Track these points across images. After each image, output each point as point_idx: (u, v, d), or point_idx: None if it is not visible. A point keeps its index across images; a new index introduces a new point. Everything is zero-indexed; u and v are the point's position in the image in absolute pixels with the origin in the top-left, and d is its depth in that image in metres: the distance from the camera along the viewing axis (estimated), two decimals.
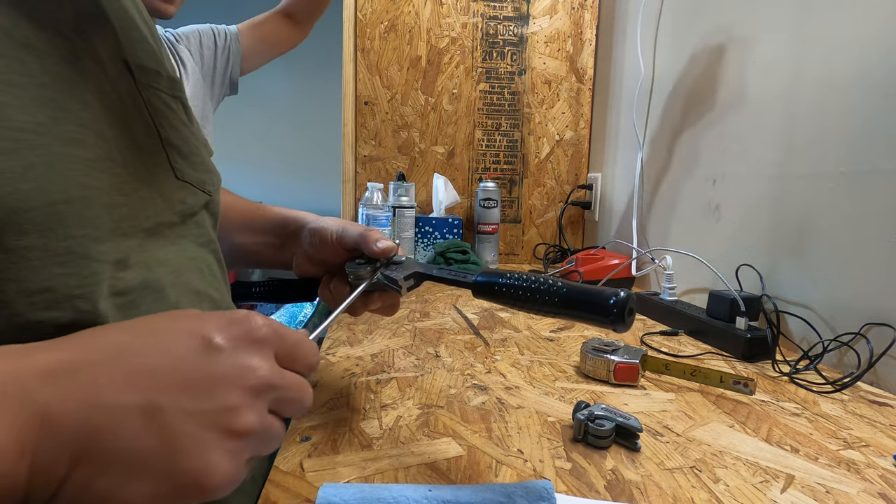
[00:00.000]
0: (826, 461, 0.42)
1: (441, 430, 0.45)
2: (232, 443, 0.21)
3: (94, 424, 0.19)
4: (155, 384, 0.20)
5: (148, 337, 0.22)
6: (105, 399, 0.19)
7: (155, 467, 0.19)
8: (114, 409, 0.19)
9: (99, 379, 0.19)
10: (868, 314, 0.63)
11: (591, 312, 0.33)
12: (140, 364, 0.20)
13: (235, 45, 1.10)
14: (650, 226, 1.16)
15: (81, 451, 0.18)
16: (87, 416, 0.18)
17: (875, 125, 0.63)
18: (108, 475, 0.19)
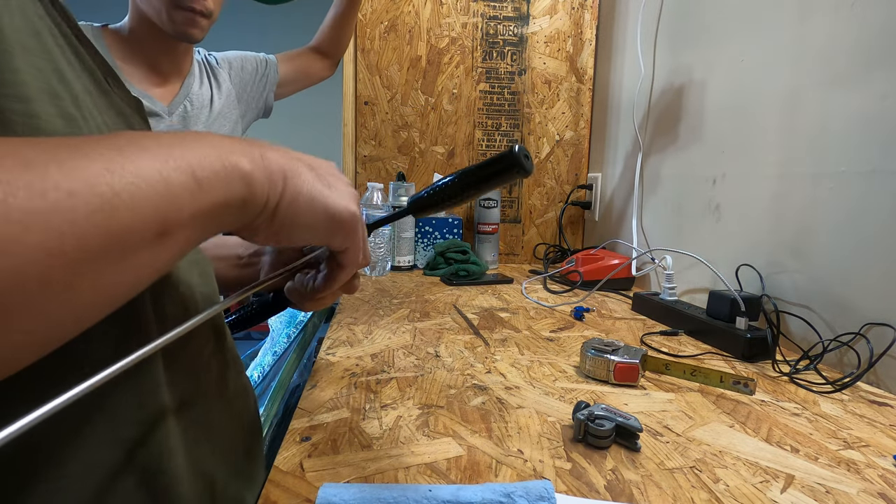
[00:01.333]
0: (826, 461, 0.42)
1: (441, 430, 0.45)
2: (355, 198, 0.35)
3: (287, 165, 0.30)
4: (307, 160, 0.33)
5: (295, 152, 0.34)
6: (289, 155, 0.31)
7: (325, 195, 0.32)
8: (294, 162, 0.31)
9: (280, 150, 0.31)
10: (868, 314, 0.63)
11: (503, 170, 0.39)
12: (297, 154, 0.33)
13: (273, 74, 1.18)
14: (650, 226, 1.16)
15: (287, 173, 0.29)
16: (285, 160, 0.30)
17: (875, 125, 0.63)
18: (302, 195, 0.30)
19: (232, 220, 0.27)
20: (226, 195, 0.25)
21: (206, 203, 0.24)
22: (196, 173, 0.24)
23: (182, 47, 0.97)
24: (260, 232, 0.30)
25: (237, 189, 0.26)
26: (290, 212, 0.30)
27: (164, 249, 0.23)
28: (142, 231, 0.21)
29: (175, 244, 0.23)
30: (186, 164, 0.23)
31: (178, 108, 0.98)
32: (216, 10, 0.94)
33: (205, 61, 1.08)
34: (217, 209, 0.25)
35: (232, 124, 1.10)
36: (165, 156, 0.23)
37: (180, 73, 1.00)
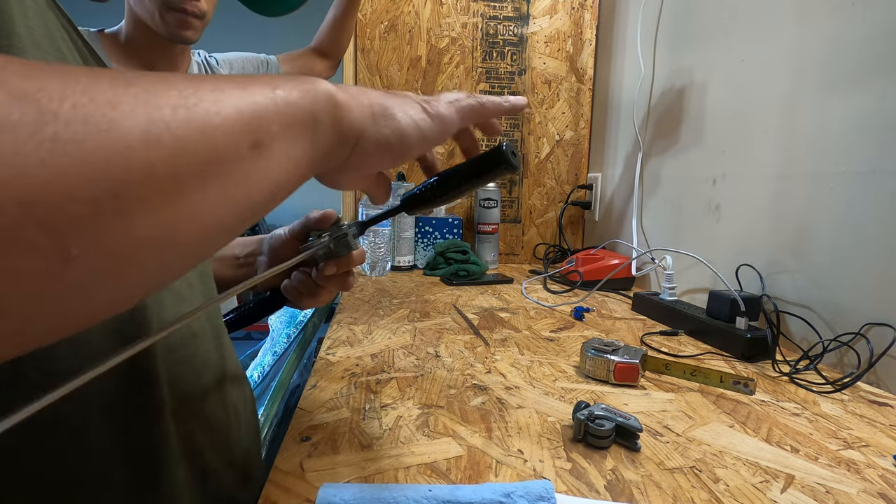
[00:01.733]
0: (826, 461, 0.42)
1: (441, 430, 0.45)
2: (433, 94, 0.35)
3: (362, 88, 0.30)
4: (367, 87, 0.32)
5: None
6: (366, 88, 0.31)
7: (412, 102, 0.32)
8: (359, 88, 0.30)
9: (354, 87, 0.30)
10: (868, 314, 0.63)
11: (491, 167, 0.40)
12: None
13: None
14: (650, 226, 1.16)
15: (362, 90, 0.30)
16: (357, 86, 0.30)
17: (875, 125, 0.63)
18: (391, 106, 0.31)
19: (330, 138, 0.27)
20: (313, 107, 0.25)
21: (294, 115, 0.24)
22: (277, 87, 0.23)
23: (178, 49, 0.97)
24: (373, 150, 0.30)
25: (324, 103, 0.26)
26: (391, 118, 0.30)
27: (265, 165, 0.22)
28: (236, 142, 0.20)
29: (276, 160, 0.22)
30: (265, 80, 0.23)
31: None
32: (209, 10, 0.95)
33: (205, 62, 1.08)
34: (308, 122, 0.25)
35: None
36: (242, 79, 0.23)
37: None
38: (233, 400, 0.40)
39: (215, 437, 0.37)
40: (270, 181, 0.23)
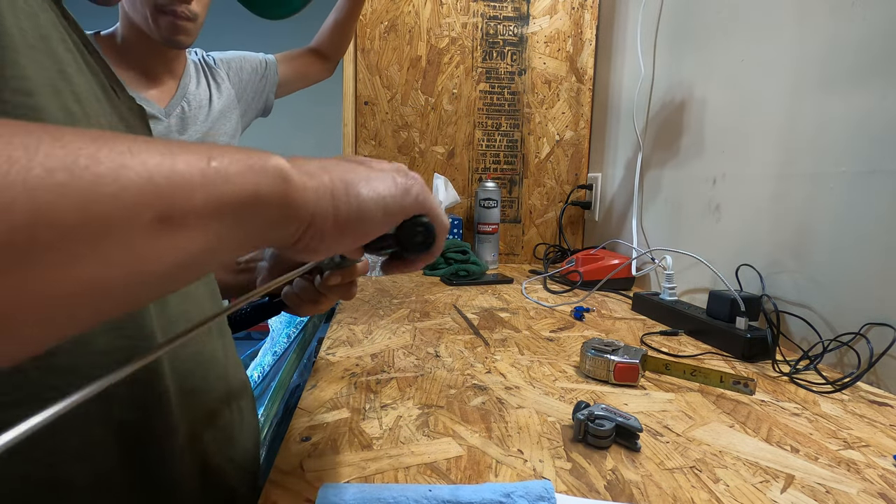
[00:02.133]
0: (826, 461, 0.42)
1: (441, 430, 0.45)
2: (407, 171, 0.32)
3: (322, 162, 0.28)
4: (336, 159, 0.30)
5: None
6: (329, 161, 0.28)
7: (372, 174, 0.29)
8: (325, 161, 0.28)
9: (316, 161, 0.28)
10: (868, 314, 0.63)
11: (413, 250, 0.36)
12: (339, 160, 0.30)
13: (273, 75, 1.18)
14: (650, 226, 1.16)
15: (325, 167, 0.27)
16: (314, 159, 0.28)
17: (875, 125, 0.63)
18: (354, 182, 0.28)
19: (272, 220, 0.24)
20: (255, 185, 0.22)
21: (226, 192, 0.21)
22: (212, 159, 0.21)
23: (173, 51, 0.97)
24: (326, 234, 0.27)
25: (270, 181, 0.23)
26: (354, 198, 0.27)
27: (174, 242, 0.20)
28: (130, 208, 0.18)
29: (189, 238, 0.20)
30: (202, 150, 0.21)
31: (175, 110, 0.98)
32: (202, 13, 0.95)
33: (202, 61, 1.08)
34: (244, 202, 0.22)
35: (233, 124, 1.11)
36: (177, 145, 0.21)
37: (174, 75, 1.00)
38: (236, 397, 0.41)
39: (218, 434, 0.37)
40: (181, 258, 0.21)
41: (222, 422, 0.38)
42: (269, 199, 0.23)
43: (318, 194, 0.26)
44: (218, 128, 1.05)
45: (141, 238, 0.19)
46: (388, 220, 0.30)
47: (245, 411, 0.43)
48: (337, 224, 0.27)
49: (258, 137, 3.00)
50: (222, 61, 1.12)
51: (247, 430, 0.43)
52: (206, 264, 0.23)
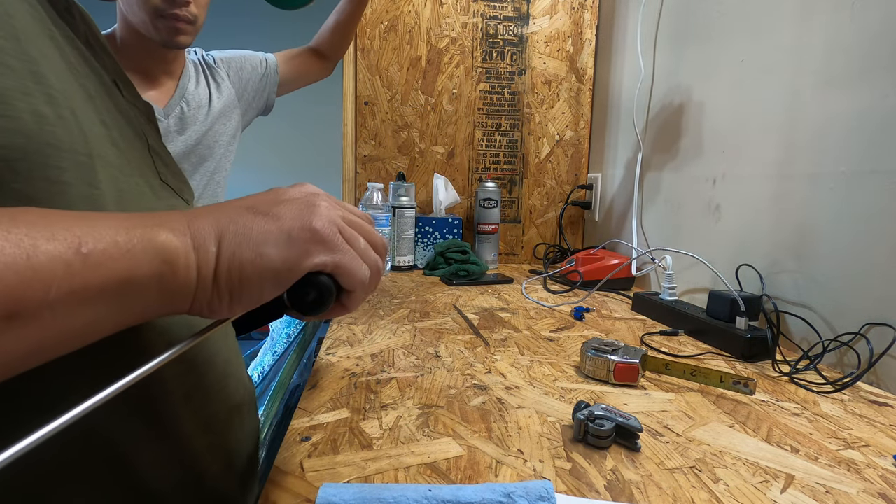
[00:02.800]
0: (826, 461, 0.42)
1: (441, 430, 0.45)
2: (317, 208, 0.30)
3: (221, 220, 0.27)
4: (246, 202, 0.30)
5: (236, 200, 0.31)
6: (220, 211, 0.28)
7: (269, 230, 0.28)
8: (229, 212, 0.28)
9: (212, 209, 0.28)
10: (868, 314, 0.63)
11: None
12: (233, 201, 0.30)
13: (274, 75, 1.18)
14: (650, 226, 1.16)
15: (221, 230, 0.27)
16: (215, 219, 0.27)
17: (875, 125, 0.63)
18: (244, 244, 0.27)
19: (151, 300, 0.24)
20: (128, 271, 0.22)
21: (94, 279, 0.21)
22: (83, 245, 0.21)
23: (171, 52, 0.97)
24: (214, 305, 0.27)
25: (147, 264, 0.23)
26: (236, 270, 0.27)
27: (23, 334, 0.19)
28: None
29: (43, 328, 0.20)
30: (73, 236, 0.21)
31: (174, 110, 0.98)
32: (201, 14, 0.94)
33: (201, 61, 1.08)
34: (116, 287, 0.22)
35: (234, 123, 1.11)
36: (45, 227, 0.20)
37: (173, 76, 1.00)
38: (236, 402, 0.40)
39: (215, 439, 0.37)
40: (37, 347, 0.20)
41: (220, 426, 0.38)
42: (145, 281, 0.23)
43: (201, 272, 0.26)
44: (218, 127, 1.05)
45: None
46: (278, 287, 0.29)
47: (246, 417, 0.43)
48: (224, 296, 0.27)
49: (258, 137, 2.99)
50: (222, 60, 1.12)
51: (247, 435, 0.42)
52: (75, 344, 0.22)
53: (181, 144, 0.98)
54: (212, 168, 1.04)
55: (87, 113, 0.29)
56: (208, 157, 1.04)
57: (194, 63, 1.06)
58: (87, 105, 0.30)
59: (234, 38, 2.26)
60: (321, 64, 1.23)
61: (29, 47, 0.26)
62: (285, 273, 0.28)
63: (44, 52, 0.27)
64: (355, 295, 0.33)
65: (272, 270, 0.28)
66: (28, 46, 0.26)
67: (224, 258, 0.26)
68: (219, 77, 1.09)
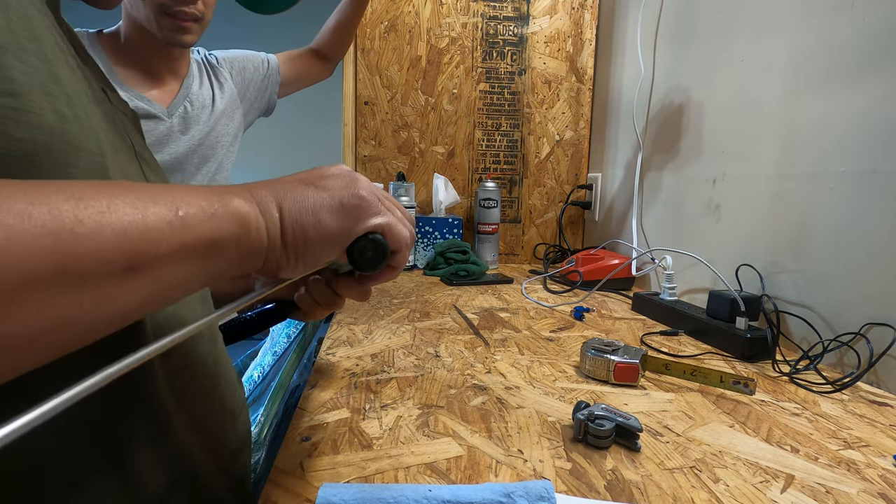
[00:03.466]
0: (826, 461, 0.42)
1: (441, 430, 0.45)
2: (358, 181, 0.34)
3: (278, 191, 0.30)
4: (298, 176, 0.33)
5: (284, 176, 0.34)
6: (276, 185, 0.31)
7: (322, 198, 0.31)
8: (284, 185, 0.31)
9: (268, 182, 0.31)
10: (868, 314, 0.63)
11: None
12: (284, 177, 0.33)
13: (275, 75, 1.18)
14: (650, 226, 1.16)
15: (280, 200, 0.30)
16: (273, 189, 0.30)
17: (874, 125, 0.63)
18: (302, 210, 0.30)
19: (231, 259, 0.27)
20: (214, 232, 0.25)
21: (190, 239, 0.24)
22: (179, 209, 0.24)
23: (177, 50, 0.97)
24: (283, 265, 0.30)
25: (227, 226, 0.26)
26: (300, 233, 0.30)
27: (138, 284, 0.22)
28: (104, 262, 0.20)
29: (153, 280, 0.23)
30: (170, 201, 0.24)
31: (177, 110, 0.98)
32: (208, 13, 0.94)
33: (205, 61, 1.08)
34: (206, 246, 0.25)
35: (236, 124, 1.10)
36: (147, 193, 0.23)
37: (177, 75, 1.00)
38: (228, 403, 0.40)
39: (207, 440, 0.37)
40: (146, 297, 0.23)
41: (212, 428, 0.38)
42: (227, 242, 0.26)
43: (270, 234, 0.29)
44: (220, 128, 1.05)
45: (110, 284, 0.21)
46: (337, 248, 0.33)
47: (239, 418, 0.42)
48: (290, 256, 0.30)
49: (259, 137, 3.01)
50: (225, 60, 1.12)
51: (239, 438, 0.42)
52: (171, 298, 0.26)
53: (184, 144, 0.98)
54: (214, 168, 1.04)
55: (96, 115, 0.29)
56: (211, 158, 1.04)
57: (198, 63, 1.06)
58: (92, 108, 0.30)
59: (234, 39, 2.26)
60: (322, 65, 1.23)
61: (45, 49, 0.26)
62: (342, 237, 0.32)
63: (56, 55, 0.27)
64: (401, 254, 0.36)
65: (331, 235, 0.31)
66: (45, 48, 0.26)
67: (288, 223, 0.30)
68: (222, 77, 1.09)
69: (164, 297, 0.25)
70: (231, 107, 1.09)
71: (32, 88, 0.24)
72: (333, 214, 0.31)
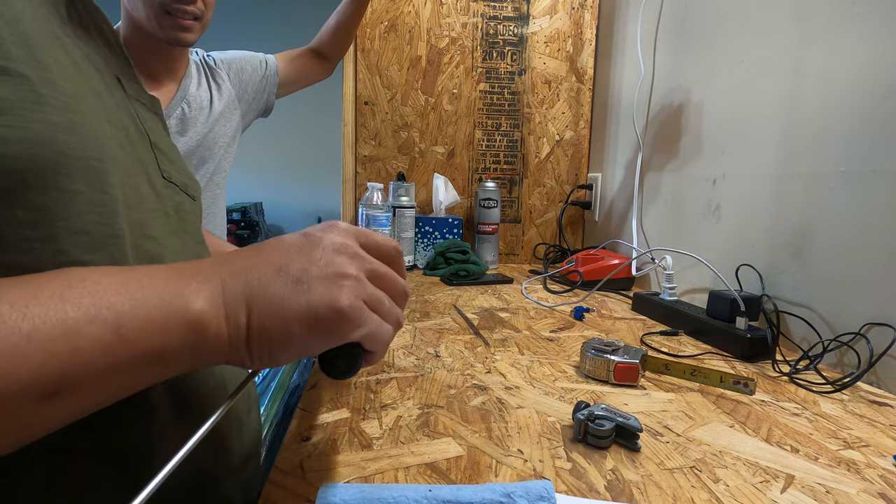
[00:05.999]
0: (826, 461, 0.42)
1: (441, 430, 0.45)
2: (344, 282, 0.29)
3: (252, 285, 0.27)
4: (279, 259, 0.29)
5: (266, 244, 0.31)
6: (253, 271, 0.28)
7: (298, 306, 0.27)
8: (260, 275, 0.28)
9: (247, 264, 0.28)
10: (868, 314, 0.63)
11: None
12: (267, 253, 0.30)
13: (273, 76, 1.18)
14: (650, 226, 1.16)
15: (251, 300, 0.27)
16: (246, 282, 0.27)
17: (875, 125, 0.63)
18: (273, 317, 0.27)
19: (184, 363, 0.25)
20: (162, 343, 0.24)
21: (128, 355, 0.23)
22: (122, 326, 0.22)
23: (176, 51, 0.97)
24: (246, 363, 0.28)
25: (181, 338, 0.24)
26: (265, 342, 0.27)
27: (60, 406, 0.21)
28: (18, 393, 0.19)
29: (79, 398, 0.22)
30: (113, 316, 0.22)
31: (175, 111, 0.98)
32: (208, 12, 0.94)
33: (203, 62, 1.08)
34: (149, 358, 0.24)
35: (234, 125, 1.10)
36: (89, 305, 0.22)
37: (175, 76, 1.00)
38: (236, 410, 0.40)
39: (214, 442, 0.37)
40: (74, 413, 0.22)
41: (218, 430, 0.37)
42: (177, 352, 0.25)
43: (231, 340, 0.26)
44: (218, 129, 1.05)
45: (25, 410, 0.20)
46: (307, 355, 0.30)
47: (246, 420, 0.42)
48: (254, 358, 0.27)
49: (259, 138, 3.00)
50: (223, 62, 1.12)
51: (247, 440, 0.42)
52: (110, 402, 0.24)
53: (182, 146, 0.98)
54: (211, 170, 1.04)
55: (98, 115, 0.29)
56: (208, 159, 1.04)
57: (196, 64, 1.06)
58: (97, 106, 0.30)
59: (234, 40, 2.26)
60: (322, 65, 1.23)
61: (39, 53, 0.26)
62: (314, 349, 0.29)
63: (53, 54, 0.27)
64: (378, 354, 0.33)
65: (297, 349, 0.28)
66: (38, 52, 0.26)
67: (254, 329, 0.27)
68: (219, 78, 1.09)
69: (97, 406, 0.23)
70: (229, 108, 1.09)
71: (19, 101, 0.24)
72: (305, 329, 0.27)
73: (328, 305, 0.28)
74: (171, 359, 0.25)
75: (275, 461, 0.40)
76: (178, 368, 0.26)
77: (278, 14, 3.60)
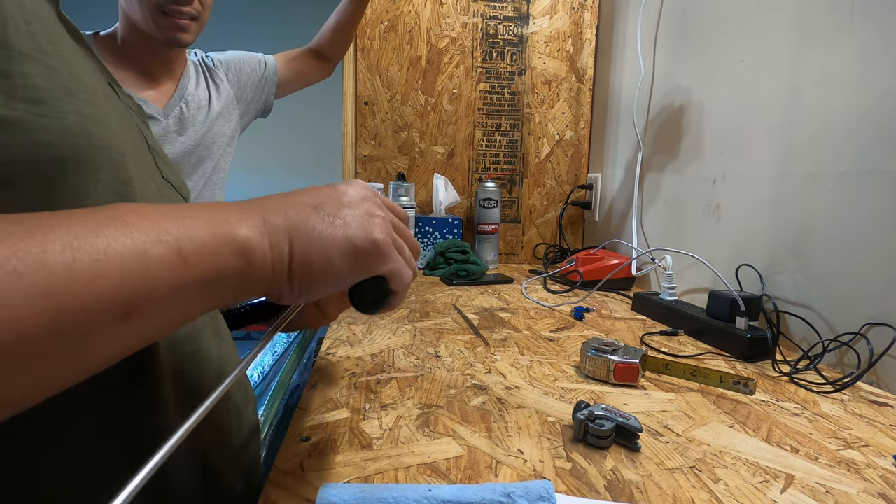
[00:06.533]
0: (826, 461, 0.42)
1: (441, 430, 0.45)
2: (376, 220, 0.31)
3: (293, 219, 0.29)
4: (313, 199, 0.31)
5: (296, 191, 0.32)
6: (291, 208, 0.29)
7: (337, 237, 0.29)
8: (299, 210, 0.29)
9: (284, 202, 0.30)
10: (868, 314, 0.63)
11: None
12: (300, 195, 0.31)
13: (272, 76, 1.18)
14: (650, 226, 1.16)
15: (292, 231, 0.28)
16: (286, 216, 0.29)
17: (874, 125, 0.63)
18: (314, 248, 0.29)
19: (232, 291, 0.26)
20: (217, 268, 0.24)
21: (190, 278, 0.23)
22: (182, 248, 0.23)
23: (174, 51, 0.97)
24: (284, 295, 0.29)
25: (230, 261, 0.25)
26: (307, 271, 0.28)
27: (134, 327, 0.22)
28: (100, 311, 0.20)
29: (149, 321, 0.22)
30: (173, 239, 0.23)
31: (173, 111, 0.98)
32: (205, 12, 0.94)
33: (201, 62, 1.08)
34: (206, 283, 0.24)
35: (232, 125, 1.10)
36: (150, 229, 0.22)
37: (173, 76, 1.00)
38: (234, 399, 0.41)
39: (218, 436, 0.37)
40: (144, 337, 0.23)
41: (221, 424, 0.38)
42: (229, 277, 0.25)
43: (275, 269, 0.28)
44: (217, 129, 1.05)
45: (106, 331, 0.21)
46: (341, 288, 0.32)
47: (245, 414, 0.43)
48: (294, 289, 0.29)
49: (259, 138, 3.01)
50: (221, 62, 1.12)
51: (247, 434, 0.42)
52: (169, 332, 0.25)
53: (180, 145, 0.98)
54: (210, 169, 1.04)
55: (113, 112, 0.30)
56: (206, 158, 1.04)
57: (194, 64, 1.06)
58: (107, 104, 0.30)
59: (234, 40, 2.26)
60: (321, 65, 1.22)
61: (63, 50, 0.26)
62: (349, 281, 0.31)
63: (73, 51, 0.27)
64: (400, 295, 0.35)
65: (338, 278, 0.30)
66: (62, 49, 0.26)
67: (297, 259, 0.28)
68: (218, 78, 1.09)
69: (160, 333, 0.25)
70: (227, 108, 1.09)
71: (55, 92, 0.24)
72: (345, 258, 0.30)
73: (364, 237, 0.30)
74: (222, 286, 0.25)
75: (275, 461, 0.40)
76: (226, 298, 0.26)
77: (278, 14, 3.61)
